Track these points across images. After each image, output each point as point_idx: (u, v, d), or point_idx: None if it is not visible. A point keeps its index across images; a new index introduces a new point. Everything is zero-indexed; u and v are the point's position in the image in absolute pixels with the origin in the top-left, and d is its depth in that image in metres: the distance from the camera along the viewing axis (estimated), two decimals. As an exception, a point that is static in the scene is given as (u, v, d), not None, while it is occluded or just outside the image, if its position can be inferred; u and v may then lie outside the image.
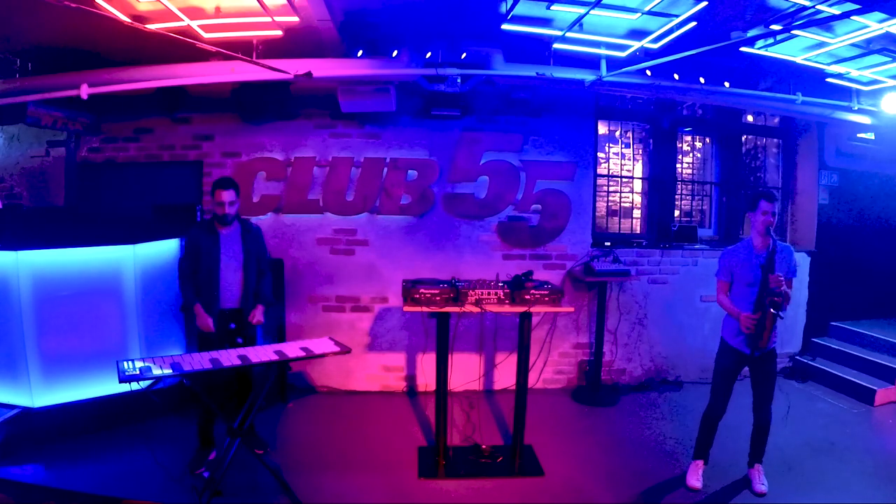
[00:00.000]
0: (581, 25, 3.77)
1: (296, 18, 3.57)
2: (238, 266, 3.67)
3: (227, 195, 3.56)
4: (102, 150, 5.00)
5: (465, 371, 4.97)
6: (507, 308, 3.54)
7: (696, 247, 5.52)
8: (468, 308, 3.48)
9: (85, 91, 4.12)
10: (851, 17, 3.33)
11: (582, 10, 3.53)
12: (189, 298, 3.60)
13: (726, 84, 4.71)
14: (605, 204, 5.73)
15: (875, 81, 4.64)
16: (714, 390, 3.50)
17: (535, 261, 5.16)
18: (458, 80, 4.40)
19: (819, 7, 3.30)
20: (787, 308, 3.26)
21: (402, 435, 4.20)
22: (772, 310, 3.15)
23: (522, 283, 3.58)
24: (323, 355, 3.24)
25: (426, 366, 4.95)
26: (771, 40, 3.80)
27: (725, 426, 3.54)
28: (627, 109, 5.65)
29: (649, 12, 3.57)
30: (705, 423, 3.54)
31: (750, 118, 6.05)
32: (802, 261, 5.68)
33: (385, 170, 5.00)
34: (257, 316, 3.73)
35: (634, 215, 5.85)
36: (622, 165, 5.75)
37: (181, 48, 3.52)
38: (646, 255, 5.39)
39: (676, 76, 4.57)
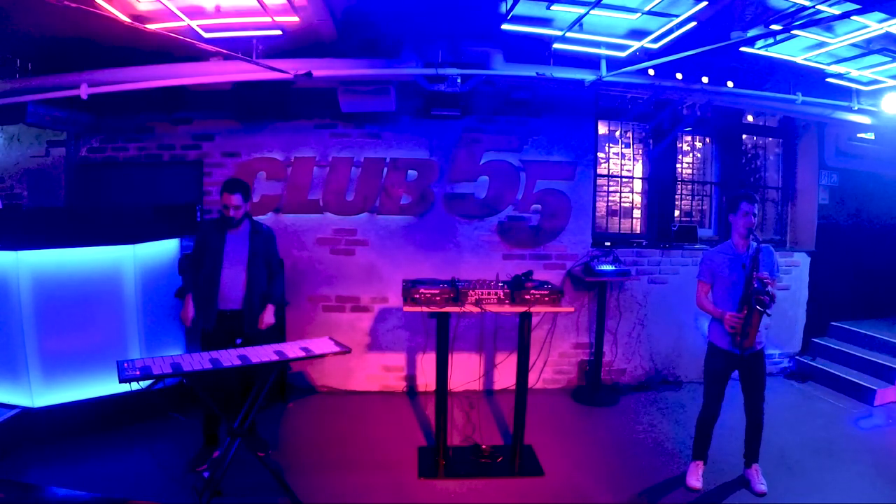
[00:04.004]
0: (581, 25, 3.78)
1: (296, 18, 3.57)
2: (242, 267, 3.63)
3: (234, 199, 3.54)
4: (102, 150, 5.00)
5: (465, 371, 4.96)
6: (507, 308, 3.54)
7: (696, 247, 5.51)
8: (468, 308, 3.47)
9: (85, 91, 4.12)
10: (851, 17, 3.34)
11: (582, 10, 3.53)
12: (186, 286, 3.67)
13: (729, 84, 4.72)
14: (605, 204, 5.73)
15: (875, 81, 4.64)
16: (707, 394, 3.50)
17: (535, 261, 5.16)
18: (458, 80, 4.40)
19: (819, 7, 3.31)
20: (779, 309, 3.28)
21: (402, 435, 4.20)
22: (758, 307, 3.16)
23: (522, 283, 3.58)
24: (323, 355, 3.24)
25: (426, 366, 4.95)
26: (771, 40, 3.80)
27: (725, 426, 3.55)
28: (627, 109, 5.63)
29: (649, 12, 3.58)
30: (700, 426, 3.55)
31: (750, 118, 6.04)
32: (802, 261, 5.69)
33: (385, 170, 5.00)
34: (266, 318, 3.70)
35: (634, 215, 5.85)
36: (622, 165, 5.75)
37: (181, 48, 3.52)
38: (646, 255, 5.39)
39: (679, 76, 4.58)
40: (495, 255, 5.16)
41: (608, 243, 5.30)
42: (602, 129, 5.65)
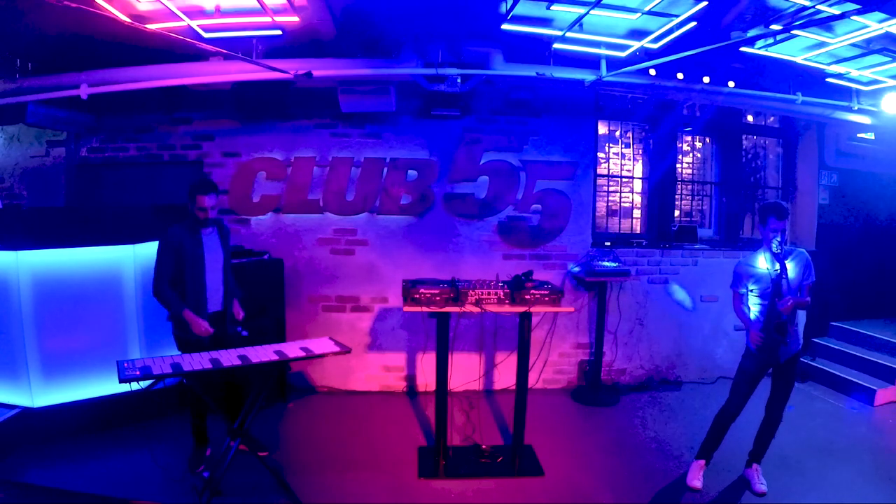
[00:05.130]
0: (581, 25, 3.78)
1: (296, 18, 3.58)
2: (220, 267, 3.59)
3: (209, 200, 3.39)
4: (102, 150, 5.00)
5: (465, 371, 4.96)
6: (507, 308, 3.54)
7: (696, 247, 5.52)
8: (468, 308, 3.48)
9: (85, 91, 4.12)
10: (851, 17, 3.33)
11: (582, 10, 3.53)
12: (177, 305, 3.37)
13: (731, 84, 4.71)
14: (605, 204, 5.73)
15: (875, 81, 4.64)
16: (734, 391, 3.47)
17: (535, 261, 5.16)
18: (458, 80, 4.40)
19: (819, 7, 3.31)
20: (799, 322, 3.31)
21: (402, 435, 4.20)
22: (776, 335, 3.20)
23: (522, 283, 3.58)
24: (323, 355, 3.24)
25: (426, 366, 4.95)
26: (771, 40, 3.80)
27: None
28: (627, 109, 5.64)
29: (649, 12, 3.58)
30: (718, 423, 3.52)
31: (750, 118, 6.04)
32: (802, 261, 5.68)
33: (385, 170, 5.00)
34: (240, 312, 3.67)
35: (634, 215, 5.84)
36: (622, 165, 5.75)
37: (181, 48, 3.52)
38: (646, 255, 5.39)
39: (681, 76, 4.58)
40: (495, 255, 5.16)
41: (608, 243, 5.30)
42: (602, 129, 5.65)
